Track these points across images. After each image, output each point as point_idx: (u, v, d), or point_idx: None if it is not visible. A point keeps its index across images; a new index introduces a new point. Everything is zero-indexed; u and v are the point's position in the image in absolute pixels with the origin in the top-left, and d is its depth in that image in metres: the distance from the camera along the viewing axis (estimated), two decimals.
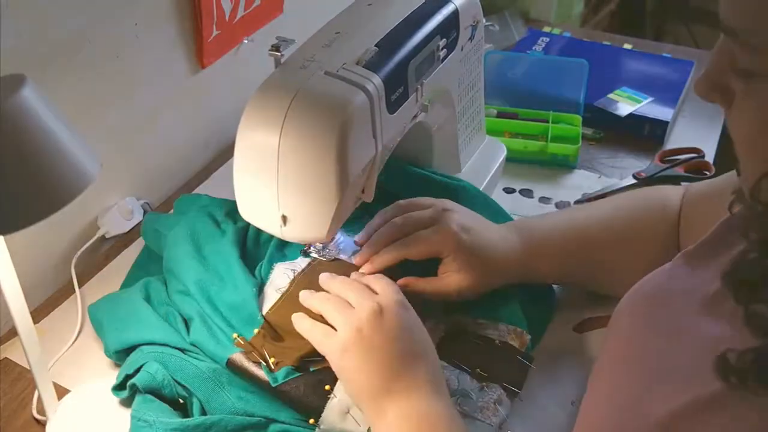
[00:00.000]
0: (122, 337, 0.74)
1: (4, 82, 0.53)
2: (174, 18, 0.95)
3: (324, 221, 0.68)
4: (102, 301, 0.80)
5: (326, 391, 0.67)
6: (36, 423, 0.72)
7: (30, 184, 0.52)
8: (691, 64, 1.27)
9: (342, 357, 0.65)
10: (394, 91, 0.71)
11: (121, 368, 0.72)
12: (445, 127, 0.90)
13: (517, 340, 0.74)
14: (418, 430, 0.61)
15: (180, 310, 0.75)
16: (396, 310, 0.66)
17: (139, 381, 0.68)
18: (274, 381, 0.67)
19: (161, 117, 0.99)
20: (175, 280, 0.78)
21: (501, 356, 0.72)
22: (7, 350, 0.79)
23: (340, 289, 0.71)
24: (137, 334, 0.73)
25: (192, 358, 0.70)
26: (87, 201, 0.90)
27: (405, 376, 0.63)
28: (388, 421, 0.62)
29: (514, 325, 0.75)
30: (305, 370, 0.69)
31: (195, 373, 0.69)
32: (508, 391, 0.70)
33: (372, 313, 0.65)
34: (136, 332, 0.73)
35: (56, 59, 0.80)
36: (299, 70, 0.68)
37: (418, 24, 0.76)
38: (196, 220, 0.83)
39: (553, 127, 1.10)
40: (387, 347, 0.64)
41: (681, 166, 1.06)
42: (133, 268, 0.88)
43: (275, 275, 0.78)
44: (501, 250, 0.77)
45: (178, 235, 0.81)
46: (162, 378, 0.68)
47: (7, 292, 0.60)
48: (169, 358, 0.70)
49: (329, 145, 0.64)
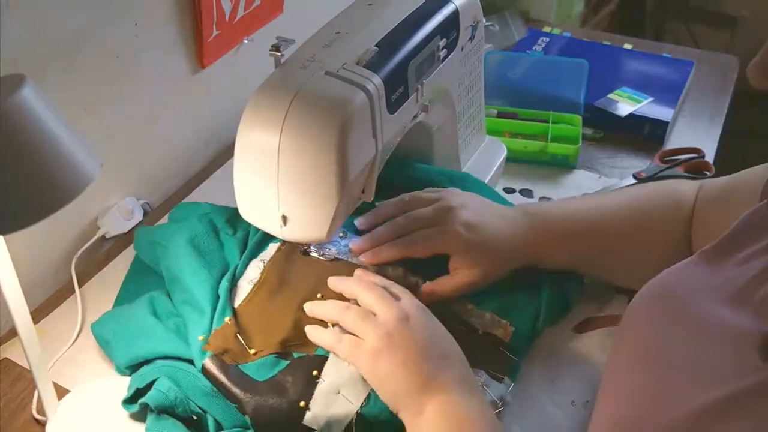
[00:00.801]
0: (133, 352, 0.72)
1: (4, 82, 0.53)
2: (174, 18, 0.95)
3: (324, 221, 0.68)
4: (105, 319, 0.78)
5: (314, 376, 0.67)
6: (36, 423, 0.72)
7: (30, 184, 0.52)
8: (691, 64, 1.27)
9: (376, 365, 0.65)
10: (395, 91, 0.71)
11: (131, 380, 0.71)
12: (445, 127, 0.90)
13: (500, 330, 0.74)
14: (458, 425, 0.62)
15: (189, 320, 0.74)
16: (421, 314, 0.68)
17: (151, 400, 0.67)
18: (263, 375, 0.67)
19: (161, 117, 0.99)
20: (180, 291, 0.77)
21: (483, 345, 0.73)
22: (7, 350, 0.79)
23: (358, 293, 0.71)
24: (148, 349, 0.72)
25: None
26: (87, 201, 0.90)
27: (439, 376, 0.64)
28: (426, 417, 0.62)
29: (500, 317, 0.75)
30: (290, 358, 0.69)
31: (205, 390, 0.68)
32: (493, 377, 0.71)
33: (399, 318, 0.66)
34: (147, 347, 0.72)
35: (56, 59, 0.80)
36: (299, 70, 0.68)
37: (418, 24, 0.76)
38: (197, 229, 0.81)
39: (553, 127, 1.10)
40: (419, 350, 0.65)
41: (681, 166, 1.06)
42: (126, 283, 0.85)
43: (248, 269, 0.79)
44: (509, 238, 0.77)
45: (179, 244, 0.79)
46: (174, 396, 0.67)
47: (7, 292, 0.60)
48: (182, 374, 0.69)
49: (329, 144, 0.64)
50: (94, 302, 0.85)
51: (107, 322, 0.77)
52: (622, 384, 0.58)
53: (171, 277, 0.78)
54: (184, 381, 0.69)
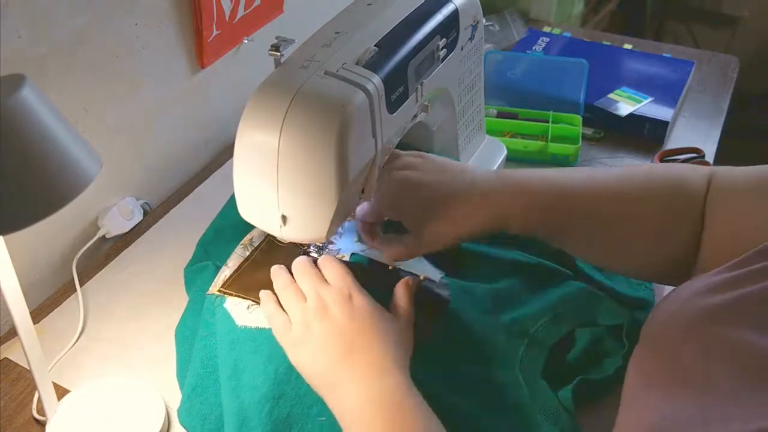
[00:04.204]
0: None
1: (4, 82, 0.53)
2: (174, 18, 0.95)
3: (324, 221, 0.68)
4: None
5: None
6: (36, 423, 0.72)
7: (30, 183, 0.52)
8: (691, 64, 1.27)
9: (295, 353, 0.67)
10: (394, 91, 0.71)
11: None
12: (445, 127, 0.90)
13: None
14: (380, 411, 0.61)
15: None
16: (340, 302, 0.68)
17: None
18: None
19: (161, 117, 0.99)
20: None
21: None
22: (7, 350, 0.79)
23: (296, 275, 0.73)
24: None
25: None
26: (87, 201, 0.90)
27: (356, 365, 0.64)
28: (343, 406, 0.63)
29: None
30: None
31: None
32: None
33: (317, 308, 0.68)
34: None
35: (56, 59, 0.80)
36: (299, 69, 0.68)
37: (418, 24, 0.76)
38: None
39: (553, 127, 1.10)
40: (335, 339, 0.65)
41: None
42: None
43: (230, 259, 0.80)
44: (465, 187, 0.73)
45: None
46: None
47: (7, 292, 0.60)
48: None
49: (329, 144, 0.64)
50: (94, 302, 0.85)
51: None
52: (651, 405, 0.55)
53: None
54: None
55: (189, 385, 0.71)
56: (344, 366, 0.64)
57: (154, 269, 0.89)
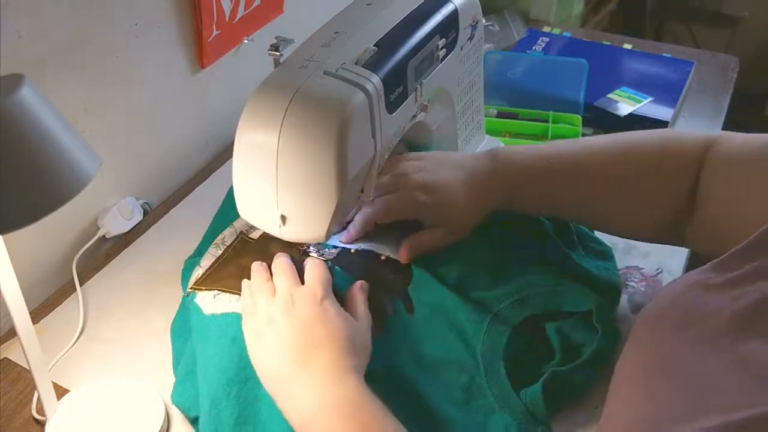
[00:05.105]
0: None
1: (4, 81, 0.53)
2: (174, 18, 0.95)
3: (323, 221, 0.68)
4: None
5: None
6: (35, 423, 0.72)
7: (29, 183, 0.52)
8: (691, 64, 1.27)
9: (254, 344, 0.67)
10: (394, 91, 0.71)
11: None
12: (444, 127, 0.90)
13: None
14: (335, 413, 0.61)
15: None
16: (309, 302, 0.68)
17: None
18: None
19: (161, 117, 0.99)
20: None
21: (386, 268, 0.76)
22: (6, 350, 0.79)
23: (273, 273, 0.73)
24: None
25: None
26: (87, 201, 0.90)
27: (315, 365, 0.64)
28: (297, 405, 0.63)
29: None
30: None
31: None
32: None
33: (285, 304, 0.68)
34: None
35: (56, 59, 0.80)
36: (298, 69, 0.68)
37: (418, 24, 0.76)
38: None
39: (553, 127, 1.10)
40: (297, 337, 0.65)
41: None
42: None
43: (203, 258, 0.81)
44: (470, 188, 0.77)
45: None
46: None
47: (6, 291, 0.60)
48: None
49: (328, 144, 0.64)
50: (94, 302, 0.85)
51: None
52: (633, 397, 0.56)
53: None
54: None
55: (180, 372, 0.73)
56: (303, 365, 0.64)
57: (154, 269, 0.89)
